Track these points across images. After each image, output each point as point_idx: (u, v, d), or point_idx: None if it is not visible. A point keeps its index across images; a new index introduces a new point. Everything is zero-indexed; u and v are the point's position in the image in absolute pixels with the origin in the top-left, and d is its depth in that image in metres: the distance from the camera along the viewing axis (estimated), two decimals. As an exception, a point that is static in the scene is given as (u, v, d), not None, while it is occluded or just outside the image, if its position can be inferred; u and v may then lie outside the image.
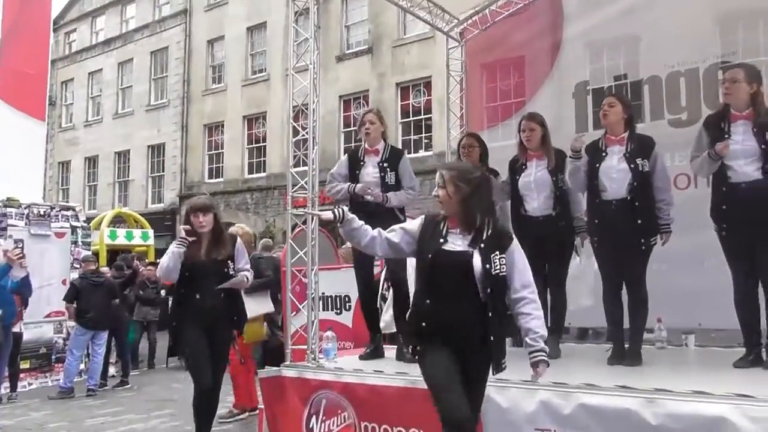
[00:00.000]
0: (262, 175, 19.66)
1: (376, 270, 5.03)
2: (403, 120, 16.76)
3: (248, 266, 4.40)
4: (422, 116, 16.45)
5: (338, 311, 6.79)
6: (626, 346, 4.14)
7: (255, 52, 20.54)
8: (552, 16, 6.31)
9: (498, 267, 2.67)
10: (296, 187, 4.61)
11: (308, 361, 4.36)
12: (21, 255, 5.78)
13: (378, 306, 5.25)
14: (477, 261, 2.66)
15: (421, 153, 16.09)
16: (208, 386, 4.12)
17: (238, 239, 4.42)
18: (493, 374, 2.76)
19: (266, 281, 6.27)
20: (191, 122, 21.75)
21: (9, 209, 8.32)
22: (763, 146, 3.71)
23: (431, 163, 15.13)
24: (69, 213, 9.14)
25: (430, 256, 2.72)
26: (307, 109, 4.64)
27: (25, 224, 8.43)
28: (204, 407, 4.20)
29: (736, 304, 3.89)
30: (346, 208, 2.83)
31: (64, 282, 8.41)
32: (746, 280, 3.84)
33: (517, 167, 4.71)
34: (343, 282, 6.33)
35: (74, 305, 7.70)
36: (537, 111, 5.10)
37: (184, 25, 22.22)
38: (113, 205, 21.29)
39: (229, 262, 4.23)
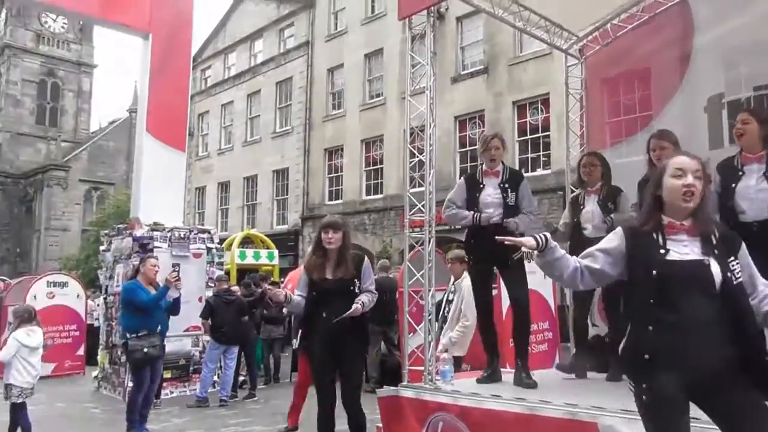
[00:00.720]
0: (379, 196, 20.09)
1: (494, 292, 4.98)
2: (520, 138, 16.49)
3: (373, 287, 4.37)
4: (540, 134, 16.09)
5: (455, 333, 6.75)
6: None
7: (372, 78, 21.16)
8: (681, 25, 5.98)
9: (738, 275, 2.22)
10: (414, 210, 4.69)
11: (425, 383, 4.38)
12: (177, 278, 6.37)
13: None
14: (716, 270, 2.20)
15: (539, 171, 15.71)
16: (329, 407, 4.15)
17: (365, 259, 4.42)
18: None
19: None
20: (313, 147, 22.75)
21: (155, 233, 9.17)
22: None
23: (549, 182, 14.76)
24: (205, 236, 9.88)
25: (654, 272, 2.22)
26: (422, 131, 4.72)
27: (168, 246, 9.23)
28: (325, 427, 4.22)
29: None
30: (549, 235, 2.43)
31: (200, 299, 9.08)
32: None
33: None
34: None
35: (209, 321, 8.28)
36: (666, 126, 4.85)
37: (306, 56, 23.41)
38: (242, 227, 22.70)
39: (355, 280, 4.25)
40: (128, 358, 6.24)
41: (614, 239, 2.44)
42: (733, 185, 3.90)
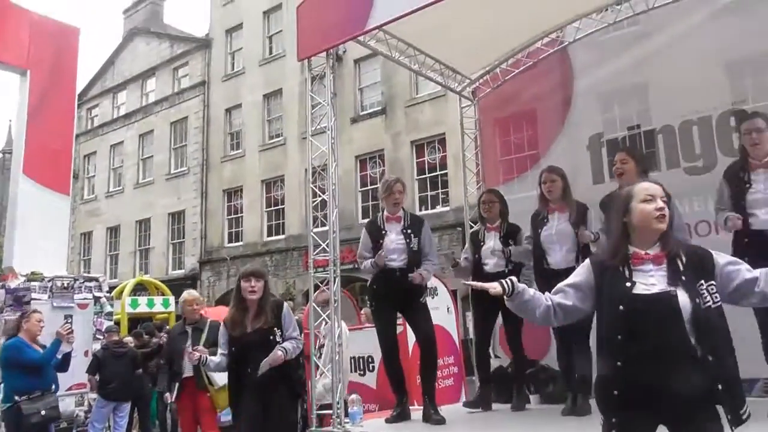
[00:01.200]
0: (281, 237, 19.82)
1: (399, 329, 5.00)
2: (419, 177, 16.93)
3: (296, 333, 4.22)
4: (438, 172, 16.61)
5: (362, 372, 6.71)
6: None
7: (271, 118, 21.07)
8: (561, 71, 6.45)
9: (709, 298, 2.13)
10: (318, 250, 4.66)
11: (334, 426, 4.29)
12: (70, 330, 5.88)
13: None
14: (684, 299, 2.13)
15: (439, 209, 16.16)
16: None
17: (284, 305, 4.28)
18: (732, 429, 2.10)
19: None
20: (210, 188, 22.17)
21: (32, 283, 8.44)
22: None
23: (449, 219, 15.20)
24: (92, 284, 9.23)
25: (621, 307, 2.18)
26: (324, 171, 4.73)
27: (48, 297, 8.52)
28: None
29: (765, 353, 3.80)
30: (515, 279, 2.37)
31: (86, 354, 8.43)
32: None
33: (538, 221, 4.73)
34: (366, 342, 6.29)
35: (96, 377, 7.69)
36: (553, 163, 5.16)
37: (202, 96, 22.97)
38: (134, 273, 21.50)
39: (275, 329, 4.08)
40: (20, 423, 5.62)
41: (583, 273, 2.38)
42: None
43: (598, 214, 4.33)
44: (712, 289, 2.14)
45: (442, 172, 16.42)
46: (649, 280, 2.21)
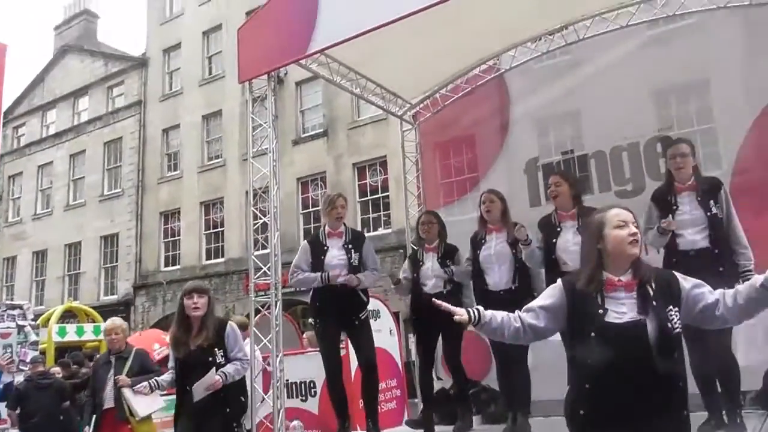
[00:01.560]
0: (221, 260, 19.41)
1: (342, 353, 4.97)
2: (360, 199, 16.98)
3: (242, 354, 4.11)
4: (380, 194, 16.72)
5: (303, 398, 6.60)
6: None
7: (210, 139, 20.75)
8: (499, 97, 6.65)
9: (677, 324, 2.23)
10: (259, 273, 4.59)
11: (275, 454, 4.21)
12: (10, 360, 5.54)
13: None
14: (652, 327, 2.20)
15: (381, 231, 16.23)
16: None
17: (229, 324, 4.16)
18: None
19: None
20: (146, 210, 21.53)
21: (-51, 313, 7.96)
22: (708, 214, 3.91)
23: (391, 240, 15.28)
24: (16, 312, 8.77)
25: (593, 334, 2.25)
26: (265, 193, 4.69)
27: (-34, 327, 8.04)
28: None
29: (693, 371, 3.94)
30: (481, 309, 2.42)
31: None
32: (699, 347, 3.88)
33: (477, 241, 4.81)
34: (308, 367, 6.20)
35: (17, 411, 7.23)
36: (491, 186, 5.29)
37: (138, 116, 22.40)
38: (63, 299, 20.52)
39: (215, 350, 3.97)
40: None
41: (555, 295, 2.42)
42: (554, 240, 4.31)
43: (536, 234, 4.44)
44: (678, 314, 2.24)
45: (384, 194, 16.53)
46: (621, 308, 2.27)
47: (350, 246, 4.68)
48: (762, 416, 4.12)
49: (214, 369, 3.90)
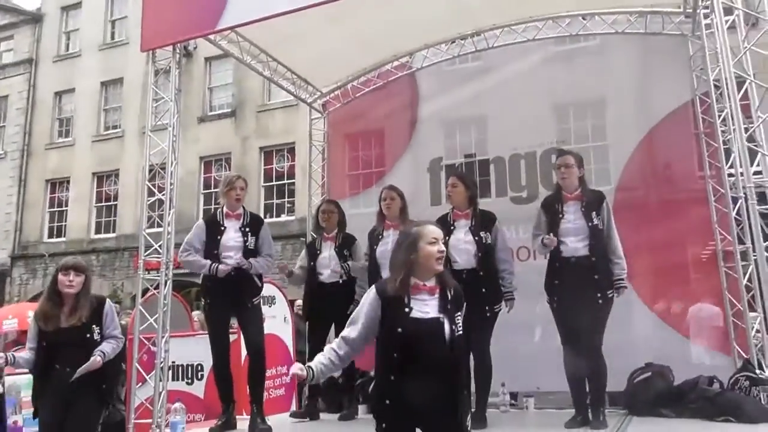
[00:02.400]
0: (112, 235, 18.45)
1: (232, 337, 4.88)
2: (265, 184, 16.70)
3: (118, 331, 3.98)
4: (285, 181, 16.51)
5: (189, 381, 6.42)
6: (473, 410, 4.32)
7: (109, 108, 19.63)
8: (409, 95, 6.77)
9: (460, 327, 2.61)
10: (150, 251, 4.43)
11: (153, 437, 4.08)
12: None
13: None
14: (447, 326, 2.57)
15: (284, 217, 16.05)
16: None
17: (107, 302, 4.04)
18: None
19: None
20: (31, 177, 20.05)
21: None
22: (590, 224, 4.18)
23: (293, 228, 15.14)
24: None
25: (400, 329, 2.55)
26: (163, 169, 4.52)
27: None
28: None
29: (565, 370, 4.24)
30: (315, 367, 2.58)
31: None
32: (572, 348, 4.18)
33: (375, 236, 4.87)
34: (197, 350, 6.03)
35: None
36: (395, 182, 5.37)
37: (28, 75, 20.76)
38: (-72, 265, 18.77)
39: (93, 326, 3.84)
40: None
41: (371, 303, 2.66)
42: (446, 238, 4.44)
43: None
44: (461, 320, 2.64)
45: (290, 181, 16.35)
46: (424, 308, 2.61)
47: (247, 229, 4.61)
48: (623, 416, 4.47)
49: (96, 355, 3.76)
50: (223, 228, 4.57)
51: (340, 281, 4.98)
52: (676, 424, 4.16)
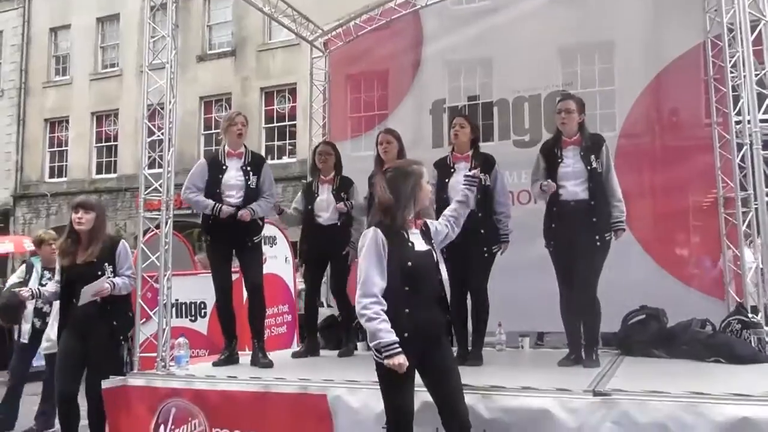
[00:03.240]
0: (113, 175, 18.45)
1: (234, 276, 4.95)
2: (267, 125, 16.57)
3: (130, 272, 4.18)
4: (287, 122, 16.38)
5: (193, 318, 6.56)
6: (470, 348, 4.43)
7: (106, 45, 19.27)
8: (413, 34, 6.61)
9: (437, 255, 2.88)
10: (149, 190, 4.43)
11: (158, 369, 4.19)
12: None
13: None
14: (435, 258, 2.86)
15: (285, 159, 16.00)
16: (65, 397, 3.96)
17: (122, 242, 4.21)
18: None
19: None
20: (30, 116, 19.87)
21: None
22: (588, 168, 4.17)
23: (294, 170, 15.12)
24: None
25: (410, 263, 2.74)
26: (162, 108, 4.47)
27: None
28: (64, 419, 3.99)
29: (561, 311, 4.33)
30: (396, 338, 2.65)
31: None
32: (568, 290, 4.26)
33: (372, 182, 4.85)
34: (199, 288, 6.13)
35: None
36: (397, 125, 5.33)
37: (22, 10, 20.28)
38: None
39: (106, 265, 4.03)
40: None
41: (380, 245, 2.75)
42: (447, 180, 4.46)
43: (431, 173, 4.53)
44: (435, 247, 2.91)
45: (291, 122, 16.22)
46: (419, 242, 2.85)
47: (249, 168, 4.60)
48: (615, 356, 4.58)
49: (105, 276, 3.97)
50: (225, 167, 4.56)
51: (338, 223, 5.01)
52: (667, 365, 4.26)
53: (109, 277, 4.01)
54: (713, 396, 2.93)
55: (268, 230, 5.93)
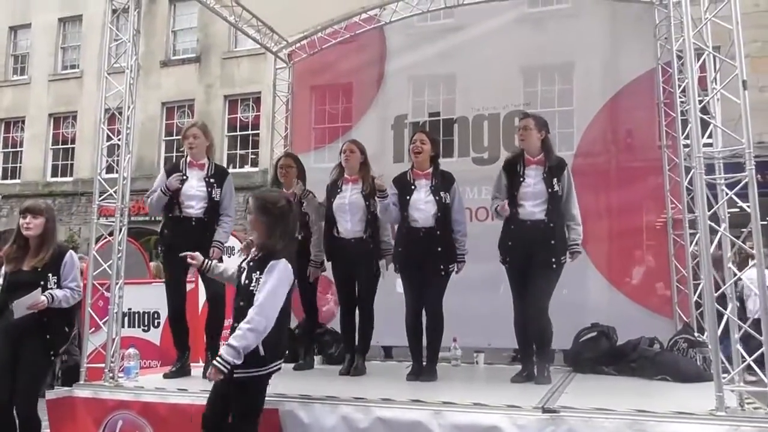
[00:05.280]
0: (69, 179, 17.99)
1: (189, 287, 4.87)
2: (229, 133, 16.41)
3: (75, 284, 3.95)
4: (250, 131, 16.25)
5: (146, 328, 6.44)
6: (425, 363, 4.45)
7: (67, 46, 18.85)
8: (377, 49, 6.65)
9: (254, 285, 2.98)
10: (105, 195, 4.35)
11: (105, 380, 4.08)
12: None
13: None
14: (242, 278, 3.06)
15: (247, 168, 15.87)
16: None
17: (69, 252, 4.01)
18: None
19: None
20: (-17, 115, 19.28)
21: None
22: (549, 190, 4.24)
23: (256, 180, 14.97)
24: None
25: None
26: (121, 114, 4.40)
27: None
28: None
29: (515, 327, 4.38)
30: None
31: None
32: (522, 307, 4.32)
33: (333, 189, 4.86)
34: (153, 298, 6.02)
35: None
36: (360, 137, 5.33)
37: (-19, 6, 19.73)
38: None
39: (50, 275, 3.84)
40: None
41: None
42: (407, 197, 4.47)
43: (390, 190, 4.56)
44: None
45: (254, 131, 16.11)
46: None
47: (212, 180, 4.54)
48: (567, 372, 4.66)
49: (39, 288, 3.77)
50: (185, 177, 4.49)
51: (299, 238, 4.99)
52: (616, 382, 4.36)
53: (49, 289, 3.81)
54: (657, 414, 3.01)
55: (228, 241, 5.87)
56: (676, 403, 3.24)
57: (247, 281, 3.00)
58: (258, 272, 2.96)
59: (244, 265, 3.12)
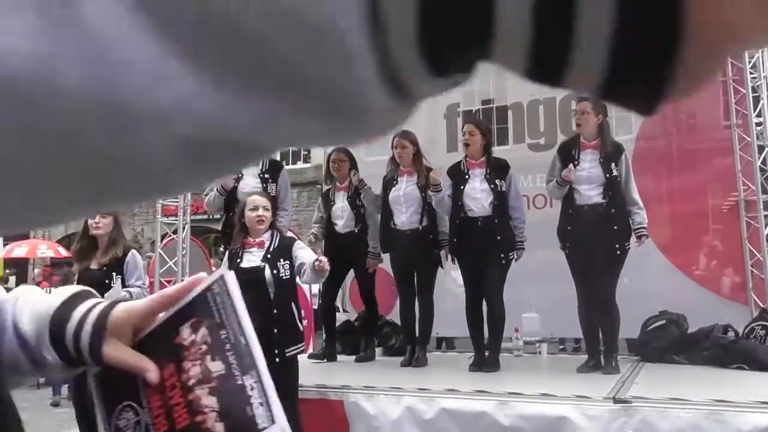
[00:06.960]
0: (130, 181, 18.63)
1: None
2: (281, 131, 16.63)
3: (140, 282, 4.07)
4: (301, 128, 16.43)
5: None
6: (487, 354, 4.40)
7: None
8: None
9: (284, 271, 3.35)
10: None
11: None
12: None
13: None
14: (267, 272, 3.30)
15: (299, 165, 16.06)
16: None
17: (131, 252, 4.11)
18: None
19: None
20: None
21: None
22: (607, 175, 4.12)
23: (308, 176, 15.15)
24: None
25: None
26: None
27: None
28: None
29: (579, 316, 4.28)
30: None
31: None
32: (586, 295, 4.21)
33: (388, 182, 4.87)
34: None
35: None
36: (413, 127, 5.30)
37: None
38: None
39: (114, 274, 3.94)
40: None
41: None
42: (462, 187, 4.44)
43: (445, 181, 4.53)
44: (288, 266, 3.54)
45: (306, 127, 16.26)
46: (251, 258, 3.51)
47: (267, 175, 4.63)
48: (635, 362, 4.52)
49: (119, 285, 3.89)
50: (240, 175, 4.59)
51: (356, 230, 5.00)
52: (688, 371, 4.20)
53: (126, 288, 3.93)
54: (737, 404, 2.88)
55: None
56: (755, 393, 3.09)
57: (275, 271, 3.35)
58: (282, 259, 3.40)
59: (259, 263, 3.41)
